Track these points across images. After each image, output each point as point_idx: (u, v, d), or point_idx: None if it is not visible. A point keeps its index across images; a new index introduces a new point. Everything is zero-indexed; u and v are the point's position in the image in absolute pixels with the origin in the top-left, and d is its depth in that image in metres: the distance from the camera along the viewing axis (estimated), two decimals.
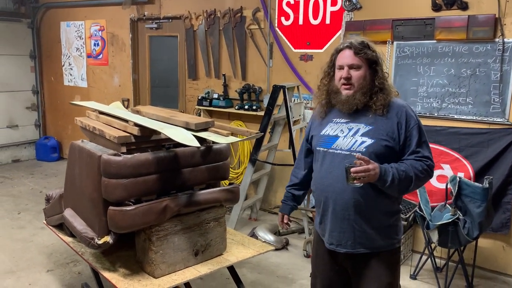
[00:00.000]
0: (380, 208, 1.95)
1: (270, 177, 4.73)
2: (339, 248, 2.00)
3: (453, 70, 3.59)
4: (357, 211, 1.92)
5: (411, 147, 1.91)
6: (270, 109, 3.94)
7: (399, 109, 1.93)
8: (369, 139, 1.90)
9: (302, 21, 4.38)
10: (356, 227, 1.94)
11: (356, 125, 1.95)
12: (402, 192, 1.93)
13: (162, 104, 5.78)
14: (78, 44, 6.58)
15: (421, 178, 1.91)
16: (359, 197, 1.91)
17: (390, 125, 1.90)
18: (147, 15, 5.62)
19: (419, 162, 1.90)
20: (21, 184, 5.86)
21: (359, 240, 1.96)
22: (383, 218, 1.97)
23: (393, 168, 1.85)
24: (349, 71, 1.93)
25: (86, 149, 2.47)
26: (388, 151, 1.90)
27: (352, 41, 1.95)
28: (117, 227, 2.26)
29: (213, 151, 2.58)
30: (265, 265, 3.71)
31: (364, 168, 1.78)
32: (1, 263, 3.65)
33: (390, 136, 1.89)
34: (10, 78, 6.84)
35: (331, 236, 2.01)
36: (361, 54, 1.92)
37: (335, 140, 1.97)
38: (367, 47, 1.94)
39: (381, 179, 1.83)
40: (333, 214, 1.98)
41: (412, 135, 1.91)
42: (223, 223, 2.63)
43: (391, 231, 2.00)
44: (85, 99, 6.52)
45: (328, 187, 1.97)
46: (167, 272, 2.39)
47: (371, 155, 1.86)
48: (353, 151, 1.90)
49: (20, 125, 7.06)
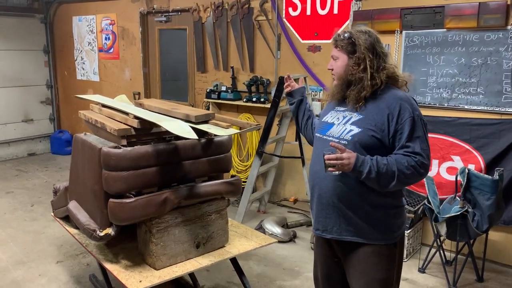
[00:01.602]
0: (367, 200, 1.90)
1: (278, 170, 4.71)
2: (325, 233, 1.99)
3: (463, 59, 3.50)
4: (341, 199, 1.90)
5: (401, 141, 1.83)
6: (277, 101, 3.91)
7: (393, 101, 1.86)
8: (357, 128, 1.87)
9: (310, 11, 4.32)
10: (341, 214, 1.92)
11: (350, 114, 1.93)
12: (383, 186, 1.83)
13: (172, 97, 5.81)
14: (90, 38, 6.64)
15: (407, 174, 1.80)
16: (342, 185, 1.89)
17: (381, 116, 1.85)
18: (156, 8, 5.63)
19: (406, 157, 1.81)
20: (36, 177, 5.97)
21: (345, 227, 1.93)
22: (372, 211, 1.90)
23: (373, 160, 1.79)
24: (332, 63, 1.98)
25: (88, 142, 2.49)
26: (375, 143, 1.85)
27: (338, 33, 1.97)
28: (117, 219, 2.28)
29: (214, 143, 2.57)
30: (272, 257, 3.71)
31: (336, 156, 1.76)
32: (13, 254, 3.73)
33: (378, 127, 1.84)
34: (24, 73, 6.96)
35: (317, 222, 2.02)
36: (339, 46, 1.94)
37: (330, 127, 1.97)
38: (346, 38, 1.92)
39: (356, 170, 1.78)
40: (318, 200, 1.98)
41: (404, 128, 1.83)
42: (224, 216, 2.62)
43: (384, 226, 1.93)
44: (97, 93, 6.58)
45: (316, 173, 1.98)
46: (168, 264, 2.40)
47: (356, 144, 1.84)
48: (341, 138, 1.89)
49: (35, 119, 7.18)
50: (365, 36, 1.91)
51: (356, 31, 1.93)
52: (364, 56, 1.88)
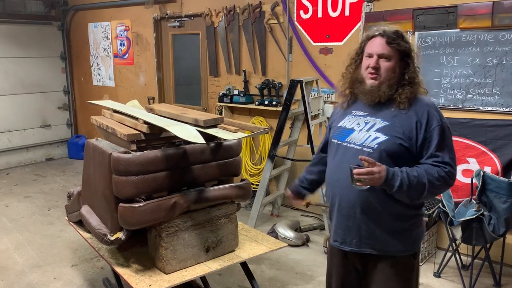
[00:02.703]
0: (391, 211, 1.80)
1: (291, 173, 4.69)
2: (343, 246, 1.91)
3: (478, 59, 3.44)
4: (363, 211, 1.81)
5: (430, 150, 1.74)
6: (288, 104, 3.90)
7: (421, 107, 1.78)
8: (383, 135, 1.77)
9: (321, 13, 4.30)
10: (362, 226, 1.83)
11: (373, 120, 1.83)
12: (413, 199, 1.76)
13: (186, 101, 5.86)
14: (105, 45, 6.74)
15: (437, 186, 1.73)
16: (367, 198, 1.78)
17: (409, 123, 1.76)
18: (169, 13, 5.68)
19: (436, 168, 1.73)
20: (53, 182, 6.08)
21: (365, 240, 1.85)
22: (394, 222, 1.82)
23: (403, 172, 1.70)
24: (378, 61, 1.80)
25: (99, 147, 2.52)
26: (402, 151, 1.75)
27: (385, 29, 1.81)
28: (127, 224, 2.30)
29: (223, 147, 2.58)
30: (284, 261, 3.69)
31: (367, 171, 1.65)
32: (30, 258, 3.80)
33: (406, 135, 1.75)
34: (42, 79, 7.10)
35: (336, 234, 1.94)
36: (393, 44, 1.78)
37: (350, 133, 1.86)
38: (401, 37, 1.81)
39: (387, 184, 1.69)
40: (339, 211, 1.89)
41: (432, 136, 1.74)
42: (234, 220, 2.62)
43: (405, 237, 1.85)
44: (113, 99, 6.67)
45: (336, 182, 1.88)
46: (178, 268, 2.41)
47: (382, 153, 1.74)
48: (365, 146, 1.79)
49: (52, 124, 7.31)
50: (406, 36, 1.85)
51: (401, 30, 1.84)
52: (414, 57, 1.82)
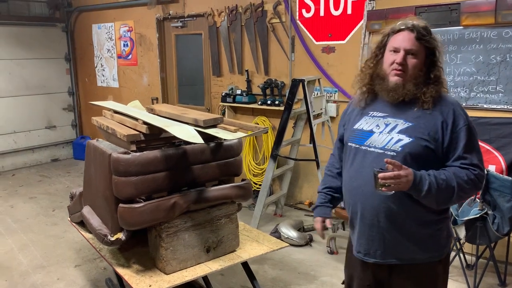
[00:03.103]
0: (416, 217, 1.69)
1: (294, 173, 4.68)
2: (366, 257, 1.79)
3: (481, 57, 3.40)
4: (388, 218, 1.69)
5: (457, 152, 1.64)
6: (290, 103, 3.88)
7: (446, 107, 1.67)
8: (407, 137, 1.65)
9: (323, 12, 4.28)
10: (387, 235, 1.72)
11: (394, 121, 1.70)
12: (441, 203, 1.66)
13: (189, 101, 5.86)
14: (109, 46, 6.76)
15: (466, 189, 1.63)
16: (391, 204, 1.67)
17: (434, 123, 1.65)
18: (172, 14, 5.69)
19: (465, 170, 1.63)
20: (58, 183, 6.11)
21: (390, 251, 1.73)
22: (420, 228, 1.71)
23: (431, 175, 1.60)
24: (405, 57, 1.66)
25: (99, 148, 2.52)
26: (427, 154, 1.65)
27: (414, 23, 1.68)
28: (127, 224, 2.30)
29: (224, 147, 2.57)
30: (287, 261, 3.68)
31: (394, 175, 1.54)
32: (34, 258, 3.82)
33: (432, 136, 1.64)
34: (47, 80, 7.14)
35: (359, 244, 1.81)
36: (423, 40, 1.66)
37: (369, 136, 1.73)
38: (430, 33, 1.69)
39: (415, 188, 1.58)
40: (361, 220, 1.76)
41: (459, 137, 1.64)
42: (235, 220, 2.61)
43: (432, 243, 1.74)
44: (117, 99, 6.68)
45: (356, 189, 1.75)
46: (178, 269, 2.41)
47: (407, 156, 1.63)
48: (387, 149, 1.67)
49: (57, 125, 7.35)
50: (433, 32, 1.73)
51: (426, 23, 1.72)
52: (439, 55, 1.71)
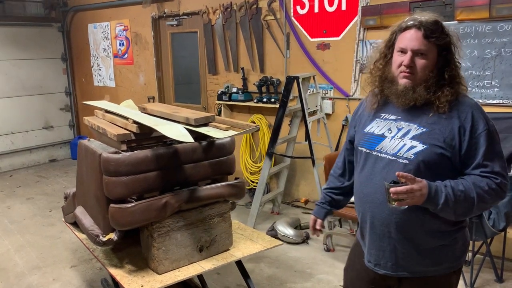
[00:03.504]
0: (430, 228, 1.58)
1: (291, 170, 4.66)
2: (377, 268, 1.69)
3: (476, 51, 3.38)
4: (399, 230, 1.59)
5: (477, 159, 1.51)
6: (285, 101, 3.87)
7: (464, 110, 1.53)
8: (421, 144, 1.53)
9: (318, 8, 4.25)
10: (399, 247, 1.61)
11: (408, 125, 1.59)
12: (460, 216, 1.53)
13: (185, 100, 5.85)
14: (105, 45, 6.74)
15: (488, 200, 1.50)
16: (403, 215, 1.57)
17: (450, 129, 1.52)
18: (167, 12, 5.66)
19: (485, 179, 1.50)
20: (55, 183, 6.10)
21: (402, 263, 1.63)
22: (434, 239, 1.60)
23: (447, 187, 1.47)
24: (413, 58, 1.54)
25: (90, 148, 2.51)
26: (443, 162, 1.52)
27: (422, 20, 1.53)
28: (118, 224, 2.29)
29: (216, 146, 2.55)
30: (283, 259, 3.66)
31: (406, 189, 1.42)
32: (30, 259, 3.81)
33: (448, 143, 1.51)
34: (44, 81, 7.12)
35: (370, 254, 1.72)
36: (432, 38, 1.52)
37: (380, 141, 1.62)
38: (440, 29, 1.54)
39: (431, 201, 1.46)
40: (372, 229, 1.67)
41: (479, 143, 1.50)
42: (228, 219, 2.60)
43: (446, 254, 1.63)
44: (114, 99, 6.67)
45: (367, 197, 1.65)
46: (171, 268, 2.39)
47: (420, 165, 1.52)
48: (399, 156, 1.55)
49: (55, 126, 7.34)
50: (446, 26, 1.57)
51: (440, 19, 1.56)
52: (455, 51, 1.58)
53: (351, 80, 4.14)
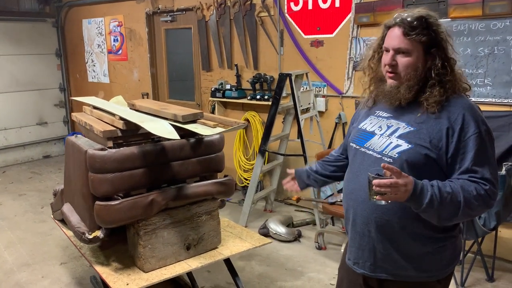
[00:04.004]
0: (412, 231, 1.53)
1: (284, 168, 4.63)
2: (355, 266, 1.67)
3: (469, 49, 3.36)
4: (379, 229, 1.55)
5: (465, 164, 1.45)
6: (277, 98, 3.84)
7: (455, 110, 1.48)
8: (406, 143, 1.50)
9: (312, 5, 4.22)
10: (378, 247, 1.58)
11: (397, 123, 1.56)
12: (444, 220, 1.45)
13: (179, 97, 5.81)
14: (99, 41, 6.69)
15: (474, 206, 1.43)
16: (383, 214, 1.53)
17: (438, 129, 1.47)
18: (161, 8, 5.62)
19: (474, 184, 1.44)
20: (48, 179, 6.07)
21: (380, 264, 1.60)
22: (416, 244, 1.54)
23: (434, 187, 1.41)
24: (395, 57, 1.52)
25: (76, 144, 2.48)
26: (428, 163, 1.48)
27: (403, 16, 1.51)
28: (103, 222, 2.26)
29: (204, 143, 2.53)
30: (275, 257, 3.65)
31: (390, 182, 1.35)
32: (19, 256, 3.78)
33: (434, 144, 1.47)
34: (38, 76, 7.07)
35: (350, 252, 1.71)
36: (412, 35, 1.49)
37: (370, 138, 1.61)
38: (423, 25, 1.49)
39: (414, 200, 1.39)
40: (353, 227, 1.65)
41: (468, 146, 1.44)
42: (216, 216, 2.58)
43: (428, 262, 1.56)
44: (108, 95, 6.63)
45: (351, 194, 1.64)
46: (157, 267, 2.37)
47: (403, 165, 1.47)
48: (384, 154, 1.52)
49: (49, 122, 7.29)
50: (438, 22, 1.52)
51: (428, 14, 1.52)
52: (447, 46, 1.52)
53: (345, 78, 4.11)
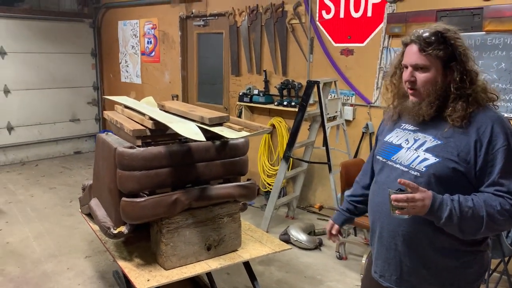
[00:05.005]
0: (440, 245, 1.53)
1: (308, 175, 4.63)
2: (381, 279, 1.67)
3: (503, 64, 3.28)
4: (407, 243, 1.55)
5: (492, 177, 1.44)
6: (304, 105, 3.85)
7: (483, 123, 1.47)
8: (433, 157, 1.49)
9: (343, 14, 4.23)
10: (404, 261, 1.58)
11: (424, 137, 1.56)
12: (467, 234, 1.46)
13: (208, 100, 5.90)
14: (133, 42, 6.87)
15: (499, 221, 1.42)
16: (411, 228, 1.53)
17: (466, 142, 1.47)
18: (194, 12, 5.73)
19: (499, 198, 1.42)
20: (78, 175, 6.25)
21: (406, 277, 1.59)
22: (443, 258, 1.54)
23: (454, 201, 1.42)
24: (414, 73, 1.54)
25: (107, 141, 2.56)
26: (456, 177, 1.47)
27: (419, 33, 1.53)
28: (128, 218, 2.32)
29: (229, 146, 2.56)
30: (294, 264, 3.64)
31: (406, 197, 1.39)
32: (47, 247, 3.91)
33: (462, 158, 1.46)
34: (73, 75, 7.31)
35: (376, 264, 1.71)
36: (428, 51, 1.50)
37: (397, 151, 1.61)
38: (440, 40, 1.50)
39: (433, 214, 1.42)
40: (379, 240, 1.65)
41: (496, 160, 1.44)
42: (237, 219, 2.60)
43: (454, 277, 1.55)
44: (139, 95, 6.80)
45: (377, 206, 1.64)
46: (178, 265, 2.41)
47: (431, 178, 1.48)
48: (411, 168, 1.53)
49: (81, 119, 7.52)
50: (457, 35, 1.54)
51: (444, 29, 1.54)
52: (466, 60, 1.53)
53: (374, 87, 4.09)
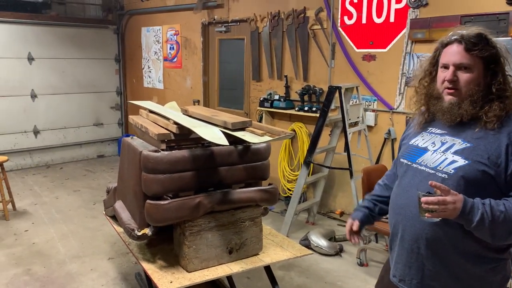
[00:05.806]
0: (465, 250, 1.50)
1: (329, 181, 4.62)
2: (401, 284, 1.65)
3: None
4: (429, 247, 1.53)
5: None
6: (325, 110, 3.85)
7: None
8: (462, 159, 1.48)
9: (366, 19, 4.22)
10: (427, 265, 1.56)
11: (452, 140, 1.55)
12: (498, 239, 1.44)
13: (229, 105, 5.95)
14: (156, 48, 6.99)
15: None
16: (435, 231, 1.51)
17: (497, 145, 1.45)
18: (216, 19, 5.80)
19: None
20: (101, 178, 6.37)
21: (428, 282, 1.57)
22: (468, 265, 1.52)
23: (485, 205, 1.40)
24: (456, 73, 1.52)
25: (132, 145, 2.61)
26: (486, 180, 1.46)
27: (463, 33, 1.52)
28: (152, 220, 2.36)
29: (251, 151, 2.59)
30: (315, 269, 3.64)
31: (438, 200, 1.37)
32: (71, 248, 4.00)
33: (492, 161, 1.44)
34: (97, 80, 7.47)
35: (395, 268, 1.68)
36: (475, 51, 1.49)
37: (422, 154, 1.59)
38: (484, 41, 1.51)
39: (464, 217, 1.39)
40: (401, 243, 1.63)
41: None
42: (259, 223, 2.62)
43: (477, 284, 1.54)
44: (161, 100, 6.90)
45: (400, 209, 1.62)
46: (200, 268, 2.44)
47: (460, 181, 1.46)
48: (439, 170, 1.51)
49: (105, 123, 7.67)
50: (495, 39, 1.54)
51: (485, 31, 1.54)
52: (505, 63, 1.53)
53: (396, 93, 4.06)
